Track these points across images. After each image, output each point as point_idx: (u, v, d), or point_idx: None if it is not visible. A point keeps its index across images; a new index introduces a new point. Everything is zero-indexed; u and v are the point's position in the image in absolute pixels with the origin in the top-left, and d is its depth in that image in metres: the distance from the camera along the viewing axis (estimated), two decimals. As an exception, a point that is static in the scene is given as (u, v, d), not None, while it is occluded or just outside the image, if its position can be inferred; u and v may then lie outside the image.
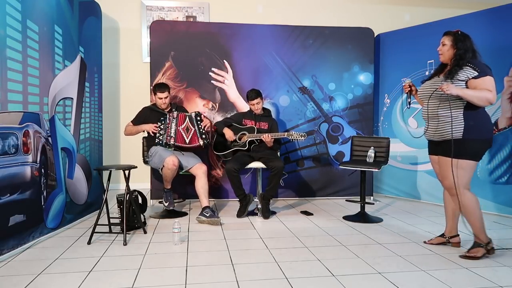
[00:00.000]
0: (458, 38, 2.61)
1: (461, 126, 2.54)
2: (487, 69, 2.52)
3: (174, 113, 3.76)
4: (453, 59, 2.61)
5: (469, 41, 2.60)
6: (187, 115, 3.78)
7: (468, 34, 2.64)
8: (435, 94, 2.62)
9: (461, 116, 2.55)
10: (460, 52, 2.58)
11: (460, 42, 2.59)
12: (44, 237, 2.98)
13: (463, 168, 2.57)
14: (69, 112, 3.47)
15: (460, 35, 2.62)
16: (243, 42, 4.53)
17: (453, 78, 2.55)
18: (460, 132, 2.54)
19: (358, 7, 5.53)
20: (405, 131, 4.62)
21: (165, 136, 3.70)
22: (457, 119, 2.56)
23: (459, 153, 2.55)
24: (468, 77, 2.53)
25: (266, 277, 2.30)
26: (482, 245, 2.60)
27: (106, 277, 2.29)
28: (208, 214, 3.47)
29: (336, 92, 4.70)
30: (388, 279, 2.26)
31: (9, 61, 2.61)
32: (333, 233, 3.22)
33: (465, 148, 2.54)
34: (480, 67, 2.52)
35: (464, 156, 2.55)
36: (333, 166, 4.71)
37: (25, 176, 2.76)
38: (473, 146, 2.54)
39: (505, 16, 3.84)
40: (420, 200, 4.55)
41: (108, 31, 4.97)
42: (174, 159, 3.56)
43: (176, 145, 3.72)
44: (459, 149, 2.54)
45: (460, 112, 2.55)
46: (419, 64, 4.48)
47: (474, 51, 2.60)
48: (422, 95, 2.75)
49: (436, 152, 2.76)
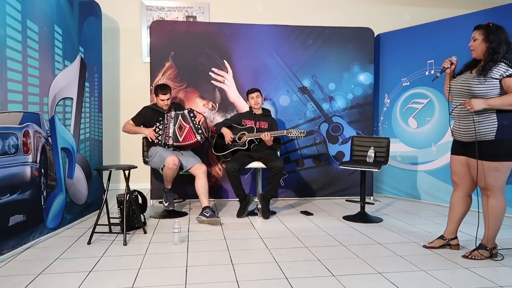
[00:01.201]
0: (490, 30, 2.42)
1: (495, 126, 2.40)
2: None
3: (172, 113, 3.76)
4: (486, 54, 2.43)
5: (502, 33, 2.42)
6: (179, 113, 3.78)
7: (501, 26, 2.44)
8: (467, 92, 2.47)
9: (494, 115, 2.40)
10: (493, 45, 2.40)
11: (493, 35, 2.40)
12: (44, 237, 2.98)
13: (499, 170, 2.44)
14: (69, 112, 3.47)
15: (492, 26, 2.43)
16: (243, 42, 4.53)
17: (486, 75, 2.40)
18: (493, 132, 2.41)
19: (358, 7, 5.53)
20: (405, 130, 4.62)
21: (163, 137, 3.71)
22: (490, 119, 2.41)
23: (493, 154, 2.42)
24: (502, 75, 2.37)
25: (266, 277, 2.30)
26: (489, 248, 2.58)
27: (106, 277, 2.29)
28: (208, 214, 3.48)
29: (336, 92, 4.70)
30: (388, 279, 2.26)
31: (9, 61, 2.61)
32: (333, 233, 3.22)
33: (500, 149, 2.41)
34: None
35: (500, 158, 2.42)
36: (333, 166, 4.71)
37: (25, 176, 2.76)
38: (507, 146, 2.40)
39: (506, 16, 3.84)
40: (420, 200, 4.55)
41: (108, 31, 4.97)
42: (175, 158, 3.56)
43: (175, 145, 3.72)
44: (493, 150, 2.42)
45: (493, 110, 2.40)
46: (419, 64, 4.48)
47: (509, 43, 2.41)
48: (453, 91, 2.58)
49: (464, 153, 2.62)
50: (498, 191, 2.50)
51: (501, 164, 2.44)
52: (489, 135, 2.43)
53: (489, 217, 2.55)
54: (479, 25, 2.51)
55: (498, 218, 2.53)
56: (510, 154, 2.43)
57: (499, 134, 2.40)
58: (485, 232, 2.60)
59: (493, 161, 2.44)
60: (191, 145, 3.80)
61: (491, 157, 2.44)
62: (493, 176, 2.46)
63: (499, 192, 2.50)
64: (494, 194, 2.50)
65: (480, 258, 2.56)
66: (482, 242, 2.61)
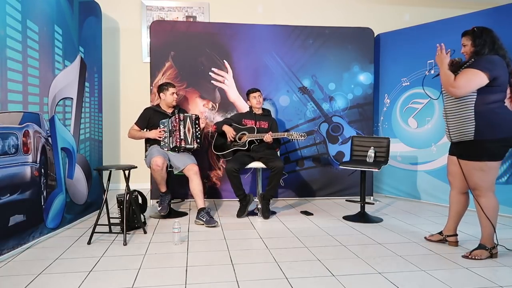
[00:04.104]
0: (475, 35, 2.51)
1: (472, 126, 2.45)
2: (482, 64, 2.41)
3: (181, 116, 3.68)
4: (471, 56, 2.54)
5: (487, 35, 2.49)
6: (187, 115, 3.75)
7: (486, 27, 2.53)
8: None
9: (472, 116, 2.45)
10: (477, 49, 2.49)
11: (478, 39, 2.49)
12: (44, 237, 2.98)
13: (484, 170, 2.47)
14: (69, 112, 3.47)
15: (477, 31, 2.52)
16: (243, 42, 4.54)
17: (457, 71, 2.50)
18: (472, 133, 2.45)
19: (358, 7, 5.53)
20: (405, 130, 4.62)
21: (174, 139, 3.65)
22: (468, 119, 2.46)
23: (476, 155, 2.48)
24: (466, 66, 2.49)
25: (266, 277, 2.30)
26: (488, 248, 2.58)
27: (106, 277, 2.29)
28: (204, 219, 3.44)
29: (336, 92, 4.70)
30: (388, 279, 2.26)
31: (9, 61, 2.61)
32: (333, 233, 3.22)
33: (481, 150, 2.45)
34: (480, 61, 2.44)
35: (482, 158, 2.46)
36: (333, 166, 4.71)
37: (25, 176, 2.76)
38: (489, 146, 2.44)
39: (506, 16, 3.84)
40: (420, 200, 4.55)
41: (108, 31, 4.98)
42: (158, 159, 3.50)
43: (187, 147, 3.68)
44: (475, 150, 2.47)
45: (471, 110, 2.46)
46: (419, 64, 4.48)
47: (494, 43, 2.47)
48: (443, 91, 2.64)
49: (453, 153, 2.69)
50: (486, 191, 2.53)
51: (485, 164, 2.48)
52: (468, 136, 2.48)
53: (481, 217, 2.58)
54: (465, 31, 2.59)
55: (491, 217, 2.55)
56: (493, 154, 2.47)
57: (478, 135, 2.44)
58: (482, 232, 2.62)
59: (476, 161, 2.50)
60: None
61: (474, 157, 2.50)
62: (479, 176, 2.51)
63: (488, 191, 2.53)
64: (483, 193, 2.54)
65: (479, 258, 2.56)
66: (481, 242, 2.62)
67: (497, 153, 2.48)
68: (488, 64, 2.42)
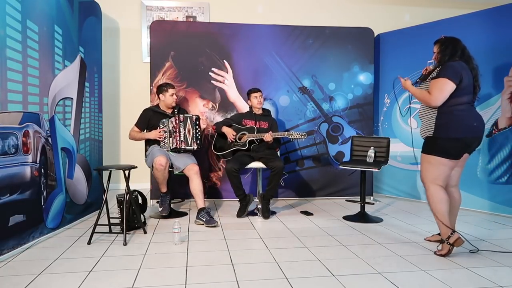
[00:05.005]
0: (442, 43, 2.71)
1: (433, 124, 2.65)
2: (448, 72, 2.56)
3: (181, 117, 3.69)
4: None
5: (452, 43, 2.68)
6: (188, 116, 3.74)
7: (453, 37, 2.72)
8: None
9: (435, 115, 2.65)
10: (440, 55, 2.69)
11: (443, 46, 2.69)
12: (44, 237, 2.98)
13: (431, 163, 2.66)
14: (69, 112, 3.47)
15: (444, 40, 2.72)
16: (243, 42, 4.54)
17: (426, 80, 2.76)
18: (432, 130, 2.66)
19: (358, 7, 5.53)
20: (405, 131, 4.62)
21: (175, 140, 3.66)
22: (432, 119, 2.66)
23: (429, 149, 2.68)
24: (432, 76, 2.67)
25: (266, 277, 2.30)
26: (444, 240, 2.63)
27: (106, 277, 2.29)
28: (204, 219, 3.44)
29: (336, 92, 4.70)
30: (388, 279, 2.26)
31: (9, 61, 2.61)
32: (333, 233, 3.22)
33: (434, 145, 2.65)
34: (443, 69, 2.60)
35: (432, 152, 2.65)
36: (333, 166, 4.71)
37: (25, 176, 2.76)
38: (441, 144, 2.62)
39: (505, 16, 3.84)
40: (420, 200, 4.55)
41: (108, 31, 4.98)
42: (161, 159, 3.50)
43: (187, 148, 3.69)
44: (429, 145, 2.68)
45: (435, 111, 2.65)
46: (419, 64, 4.47)
47: (455, 51, 2.65)
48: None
49: None
50: (430, 183, 2.66)
51: (433, 157, 2.65)
52: (429, 132, 2.69)
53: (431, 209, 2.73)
54: (436, 40, 2.78)
55: (435, 209, 2.65)
56: (443, 151, 2.62)
57: (435, 132, 2.64)
58: None
59: (427, 154, 2.70)
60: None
61: (426, 150, 2.71)
62: (426, 168, 2.69)
63: (431, 184, 2.65)
64: (427, 185, 2.68)
65: (439, 254, 2.63)
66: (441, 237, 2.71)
67: (448, 151, 2.62)
68: (450, 69, 2.58)
